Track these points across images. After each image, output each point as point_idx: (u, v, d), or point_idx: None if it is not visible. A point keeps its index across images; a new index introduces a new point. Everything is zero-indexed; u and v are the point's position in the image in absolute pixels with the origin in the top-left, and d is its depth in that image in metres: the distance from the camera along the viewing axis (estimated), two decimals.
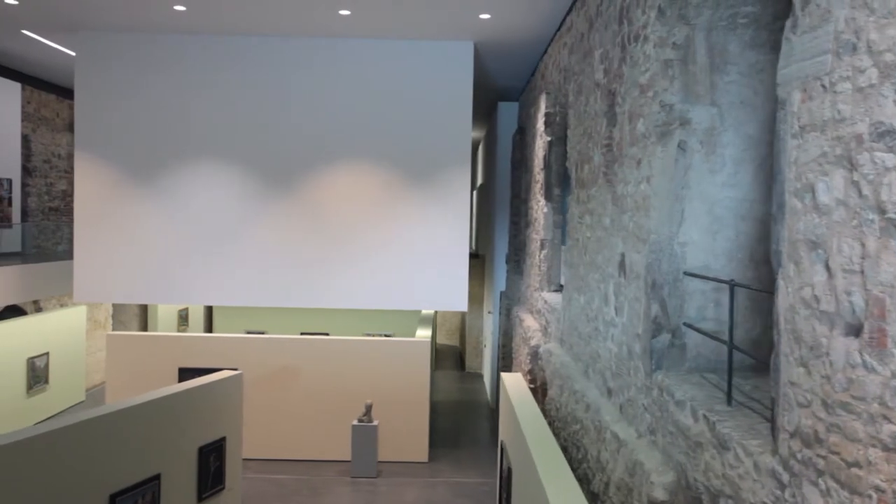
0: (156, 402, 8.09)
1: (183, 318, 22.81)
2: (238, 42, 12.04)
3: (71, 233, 16.96)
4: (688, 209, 4.70)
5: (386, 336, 15.82)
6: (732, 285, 3.89)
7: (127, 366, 12.57)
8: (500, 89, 15.79)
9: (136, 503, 7.69)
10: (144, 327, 20.99)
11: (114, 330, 19.38)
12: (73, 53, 13.31)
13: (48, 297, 15.18)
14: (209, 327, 25.30)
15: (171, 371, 12.52)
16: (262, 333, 14.22)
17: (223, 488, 9.20)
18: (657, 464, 4.45)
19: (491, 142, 17.73)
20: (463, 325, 22.71)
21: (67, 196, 17.68)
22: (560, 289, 10.58)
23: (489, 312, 16.68)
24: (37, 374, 14.23)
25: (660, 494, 4.19)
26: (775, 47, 4.59)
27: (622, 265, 5.70)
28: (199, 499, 8.76)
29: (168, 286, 12.42)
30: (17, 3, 10.52)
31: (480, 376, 20.44)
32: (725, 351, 4.63)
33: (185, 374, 12.49)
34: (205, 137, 12.22)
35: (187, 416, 8.59)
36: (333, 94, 12.20)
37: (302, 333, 15.23)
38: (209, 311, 25.51)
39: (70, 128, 17.69)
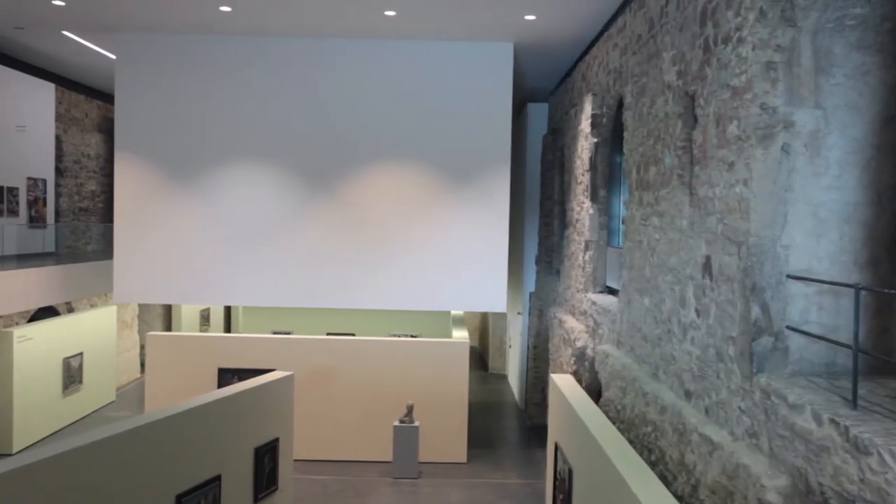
0: (215, 403, 8.10)
1: (205, 318, 22.86)
2: (277, 43, 12.05)
3: (99, 233, 17.01)
4: (791, 212, 4.70)
5: (412, 337, 15.77)
6: (858, 289, 3.89)
7: (167, 366, 12.58)
8: (529, 90, 15.79)
9: (199, 503, 7.71)
10: (168, 327, 21.03)
11: (139, 330, 19.40)
12: (105, 52, 13.33)
13: (86, 297, 15.20)
14: (228, 327, 25.38)
15: (210, 371, 12.53)
16: (289, 333, 14.19)
17: (276, 489, 9.21)
18: (765, 467, 4.44)
19: (519, 143, 17.70)
20: (484, 325, 22.69)
21: (96, 196, 17.70)
22: (607, 290, 10.59)
23: (518, 313, 16.66)
24: (71, 374, 14.24)
25: (773, 498, 4.19)
26: (882, 49, 4.59)
27: (707, 267, 5.69)
28: (255, 499, 8.77)
29: (206, 287, 12.44)
30: (63, 3, 10.52)
31: (504, 377, 20.42)
32: (832, 355, 4.64)
33: (224, 374, 12.52)
34: (243, 138, 12.23)
35: (243, 418, 8.60)
36: (371, 95, 12.20)
37: (328, 334, 15.18)
38: (228, 311, 25.58)
39: (99, 128, 17.72)
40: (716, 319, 5.49)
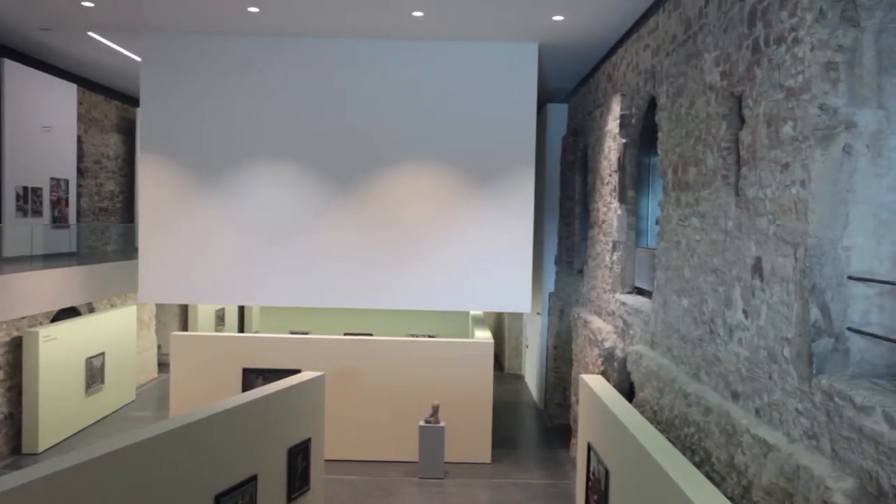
0: (251, 403, 8.11)
1: (220, 317, 22.91)
2: (302, 43, 12.06)
3: (118, 233, 17.05)
4: (852, 213, 4.69)
5: (430, 337, 15.76)
6: None
7: (191, 366, 12.60)
8: (548, 91, 15.77)
9: (236, 503, 7.73)
10: (185, 327, 21.08)
11: (156, 330, 19.45)
12: (128, 53, 13.36)
13: (110, 297, 15.25)
14: (241, 327, 25.43)
15: (234, 371, 12.55)
16: (306, 333, 14.19)
17: (308, 489, 9.22)
18: (828, 469, 4.43)
19: (538, 143, 17.69)
20: (500, 325, 22.68)
21: (115, 197, 17.75)
22: (635, 291, 10.58)
23: (538, 313, 16.65)
24: (94, 374, 14.28)
25: (840, 500, 4.18)
26: None
27: (757, 268, 5.68)
28: (289, 499, 8.79)
29: (230, 287, 12.46)
30: (92, 5, 10.55)
31: (520, 377, 20.42)
32: (894, 356, 4.62)
33: (249, 374, 12.54)
34: (268, 138, 12.24)
35: (277, 418, 8.61)
36: (396, 95, 12.21)
37: (345, 334, 15.18)
38: (241, 310, 25.62)
39: (117, 129, 17.76)
40: (767, 321, 5.48)
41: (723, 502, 4.98)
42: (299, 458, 9.00)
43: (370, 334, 15.18)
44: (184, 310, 21.02)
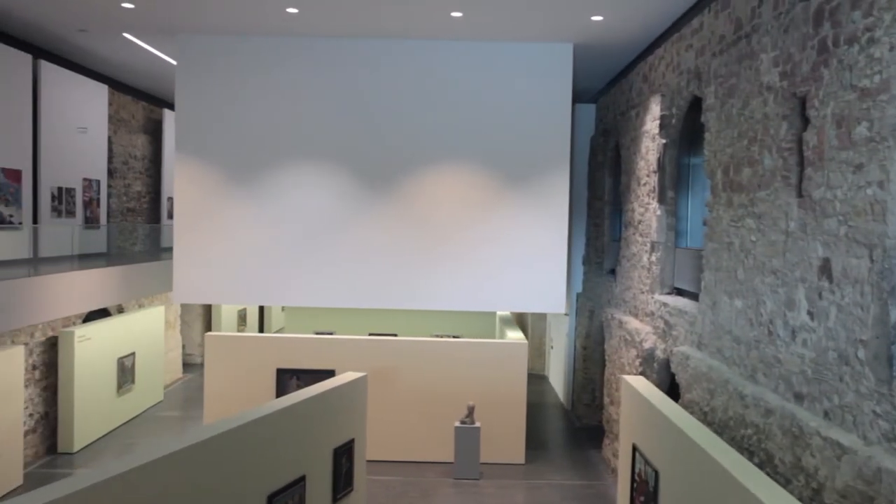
0: (299, 404, 8.13)
1: (242, 317, 22.99)
2: (336, 44, 12.08)
3: (144, 233, 17.11)
4: None
5: (454, 337, 15.75)
6: None
7: (225, 366, 12.63)
8: (575, 91, 15.71)
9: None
10: (208, 327, 21.15)
11: (181, 330, 19.52)
12: (160, 54, 13.41)
13: (144, 297, 15.30)
14: (261, 327, 25.51)
15: (268, 372, 12.58)
16: (331, 334, 14.19)
17: (352, 490, 9.23)
18: None
19: None
20: (522, 326, 22.64)
21: (142, 197, 17.81)
22: (675, 291, 10.54)
23: (565, 314, 16.62)
24: (125, 374, 14.34)
25: None
26: None
27: (825, 270, 5.65)
28: (334, 500, 8.80)
29: (263, 288, 12.48)
30: (132, 6, 10.59)
31: (544, 378, 20.39)
32: None
33: (283, 374, 12.57)
34: (302, 139, 12.27)
35: (323, 419, 8.63)
36: (430, 96, 12.22)
37: (370, 334, 15.19)
38: (261, 310, 25.71)
39: (144, 129, 17.83)
40: (838, 322, 5.45)
41: (793, 503, 4.96)
42: (344, 459, 9.01)
43: (395, 335, 15.18)
44: (207, 310, 21.10)
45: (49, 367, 12.48)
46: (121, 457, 12.56)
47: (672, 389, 9.62)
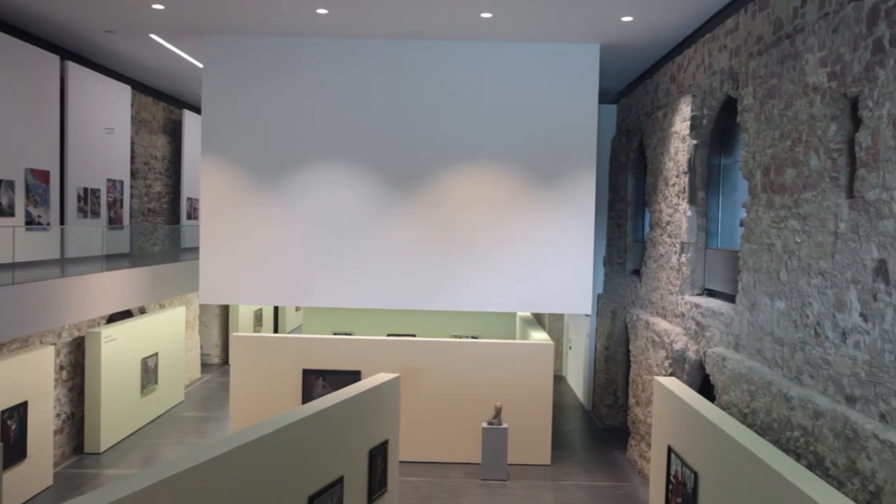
0: (336, 406, 8.11)
1: (258, 318, 23.01)
2: (364, 44, 12.08)
3: (164, 234, 17.13)
4: None
5: (473, 338, 15.75)
6: None
7: (251, 367, 12.63)
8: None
9: None
10: (226, 328, 21.17)
11: (199, 331, 19.54)
12: (181, 53, 13.41)
13: (169, 297, 15.33)
14: (276, 327, 25.53)
15: (294, 372, 12.59)
16: (349, 334, 14.21)
17: (386, 491, 9.23)
18: None
19: None
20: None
21: (162, 198, 17.84)
22: (705, 292, 10.52)
23: (586, 315, 16.58)
24: (148, 375, 14.36)
25: None
26: None
27: (880, 271, 5.62)
28: (369, 501, 8.79)
29: (289, 288, 12.48)
30: (162, 7, 10.60)
31: (561, 378, 20.35)
32: None
33: (309, 375, 12.57)
34: (328, 140, 12.27)
35: (359, 420, 8.63)
36: (457, 96, 12.21)
37: (388, 335, 15.19)
38: (276, 311, 25.72)
39: (164, 130, 17.86)
40: (895, 324, 5.42)
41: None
42: (378, 460, 9.01)
43: (413, 335, 15.19)
44: (224, 311, 21.13)
45: (75, 367, 12.50)
46: (147, 458, 12.59)
47: (703, 391, 9.59)
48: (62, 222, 12.42)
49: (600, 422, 15.45)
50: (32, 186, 11.42)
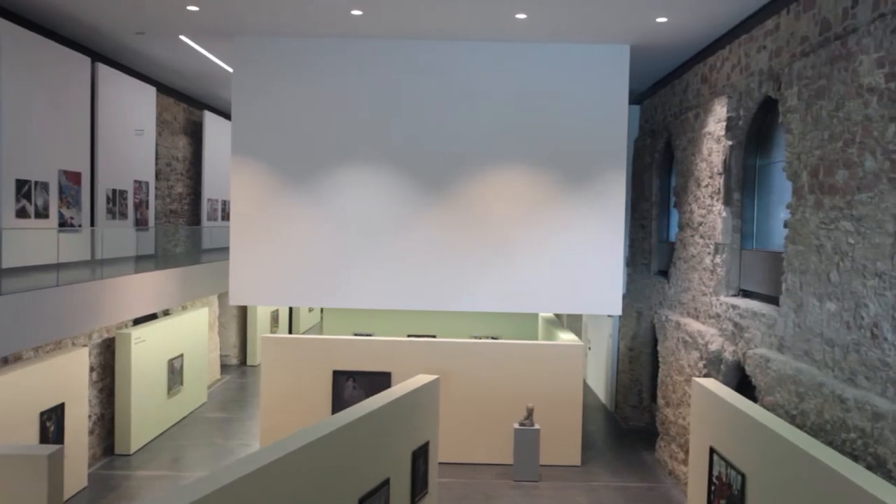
0: (384, 408, 8.11)
1: (274, 318, 23.01)
2: (395, 45, 12.08)
3: (185, 235, 17.13)
4: None
5: (493, 339, 15.74)
6: None
7: (281, 368, 12.63)
8: None
9: None
10: (244, 329, 21.17)
11: (218, 332, 19.54)
12: (207, 54, 13.40)
13: (197, 299, 15.33)
14: (290, 328, 25.54)
15: (325, 373, 12.59)
16: (370, 335, 14.19)
17: (427, 492, 9.23)
18: None
19: None
20: None
21: (183, 199, 17.84)
22: (740, 293, 10.52)
23: (609, 316, 16.59)
24: (174, 376, 14.36)
25: None
26: None
27: None
28: (412, 502, 8.79)
29: (318, 289, 12.47)
30: (197, 9, 10.60)
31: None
32: None
33: (339, 376, 12.58)
34: (358, 140, 12.26)
35: (403, 422, 8.63)
36: (486, 97, 12.21)
37: (408, 336, 15.18)
38: (290, 312, 25.73)
39: (185, 131, 17.86)
40: None
41: None
42: (420, 461, 9.01)
43: (434, 336, 15.18)
44: (242, 312, 21.12)
45: (105, 368, 12.50)
46: (175, 459, 12.59)
47: (740, 392, 9.58)
48: (92, 224, 12.41)
49: (624, 422, 15.45)
50: (65, 188, 11.42)
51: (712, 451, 8.76)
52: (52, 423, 9.90)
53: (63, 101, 11.54)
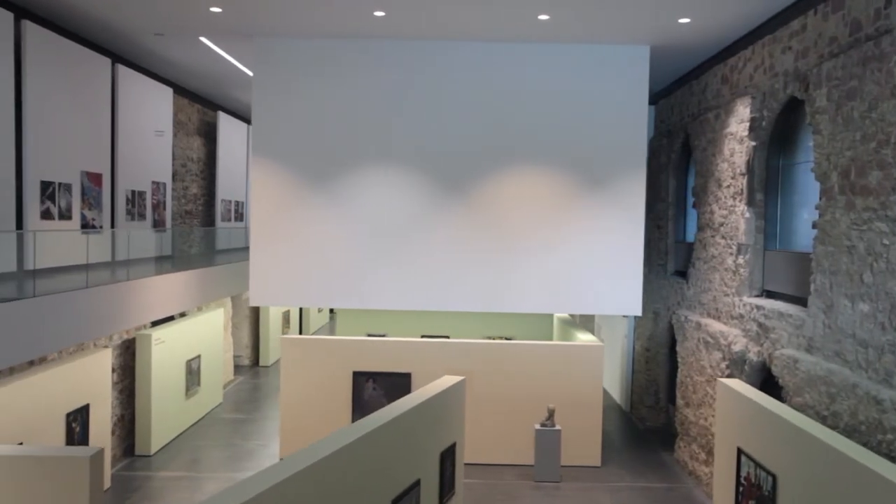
0: (411, 411, 8.11)
1: (286, 319, 23.02)
2: (411, 47, 12.09)
3: (199, 236, 17.14)
4: None
5: (506, 339, 15.73)
6: None
7: (301, 369, 12.64)
8: None
9: None
10: (256, 330, 21.18)
11: (231, 332, 19.55)
12: (228, 57, 13.40)
13: (217, 300, 15.34)
14: (300, 328, 25.54)
15: (345, 374, 12.60)
16: (383, 336, 14.18)
17: (454, 493, 9.24)
18: None
19: None
20: None
21: (197, 199, 17.85)
22: (764, 293, 10.52)
23: (624, 316, 16.59)
24: (192, 377, 14.37)
25: None
26: None
27: None
28: (440, 503, 8.79)
29: (338, 290, 12.48)
30: (220, 10, 10.61)
31: None
32: None
33: (359, 377, 12.58)
34: (378, 141, 12.27)
35: (432, 423, 8.64)
36: (506, 98, 12.21)
37: (422, 336, 15.16)
38: (300, 312, 25.73)
39: (199, 132, 17.87)
40: None
41: None
42: (448, 462, 9.01)
43: (447, 336, 15.16)
44: (254, 313, 21.13)
45: (124, 369, 12.51)
46: (195, 460, 12.60)
47: (764, 392, 9.57)
48: (112, 225, 12.43)
49: (640, 423, 15.45)
50: (87, 189, 11.43)
51: (740, 451, 8.76)
52: (77, 424, 9.91)
53: (85, 102, 11.56)
